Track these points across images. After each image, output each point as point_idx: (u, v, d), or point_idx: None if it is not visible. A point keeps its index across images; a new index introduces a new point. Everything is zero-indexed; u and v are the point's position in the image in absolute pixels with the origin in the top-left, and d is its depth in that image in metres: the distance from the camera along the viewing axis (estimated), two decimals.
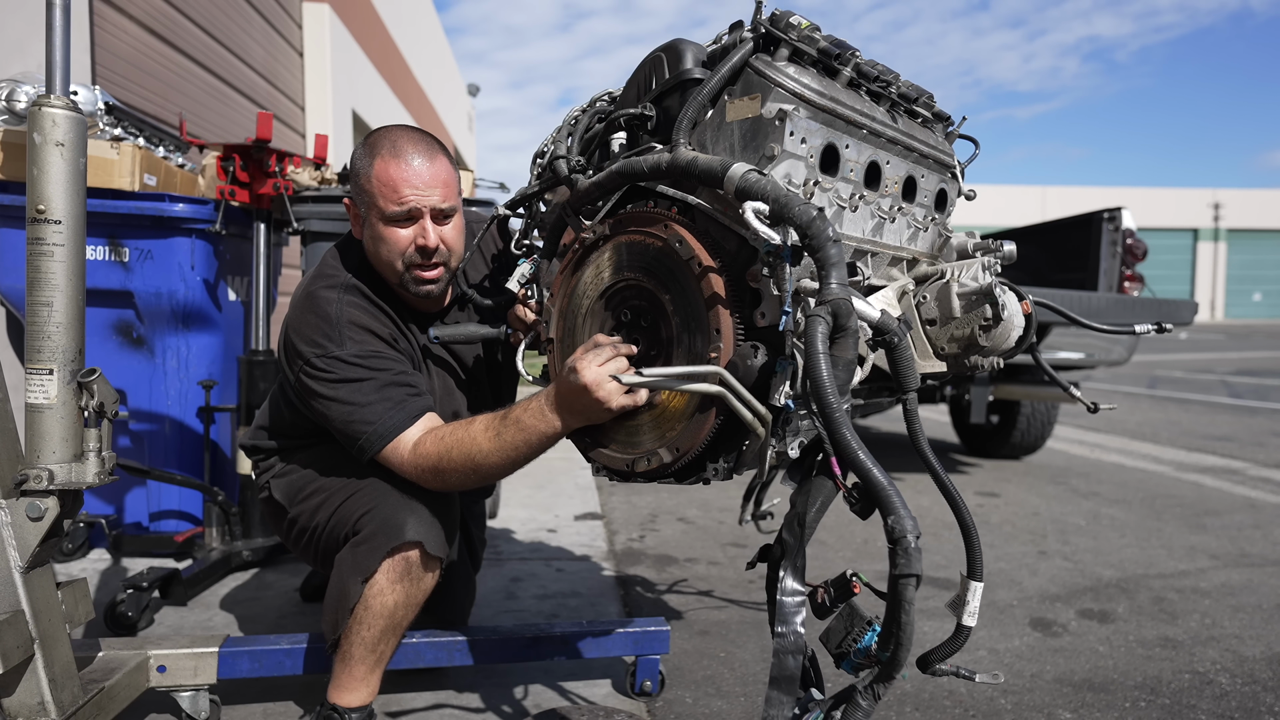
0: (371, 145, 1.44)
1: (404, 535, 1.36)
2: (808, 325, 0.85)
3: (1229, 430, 5.91)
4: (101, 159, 2.46)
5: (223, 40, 5.02)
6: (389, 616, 1.39)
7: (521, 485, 3.76)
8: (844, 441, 0.82)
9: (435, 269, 1.45)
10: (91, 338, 2.44)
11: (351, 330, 1.42)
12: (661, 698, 1.77)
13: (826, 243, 0.88)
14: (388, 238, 1.42)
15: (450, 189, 1.44)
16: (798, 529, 1.00)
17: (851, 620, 0.98)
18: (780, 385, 0.97)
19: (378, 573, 1.37)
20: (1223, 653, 2.08)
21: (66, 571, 2.49)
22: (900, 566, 0.80)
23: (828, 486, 1.00)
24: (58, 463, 1.25)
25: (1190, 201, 41.00)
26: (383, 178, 1.39)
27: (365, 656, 1.42)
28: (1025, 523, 3.35)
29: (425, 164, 1.40)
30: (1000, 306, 1.18)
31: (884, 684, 0.89)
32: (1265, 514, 3.53)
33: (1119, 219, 4.17)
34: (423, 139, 1.45)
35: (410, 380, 1.42)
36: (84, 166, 1.27)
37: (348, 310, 1.44)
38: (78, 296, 1.26)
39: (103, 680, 1.40)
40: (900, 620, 0.82)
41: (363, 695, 1.45)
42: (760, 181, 0.95)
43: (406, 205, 1.39)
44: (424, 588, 1.42)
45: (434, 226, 1.42)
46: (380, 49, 9.80)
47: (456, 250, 1.48)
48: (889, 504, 0.81)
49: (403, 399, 1.39)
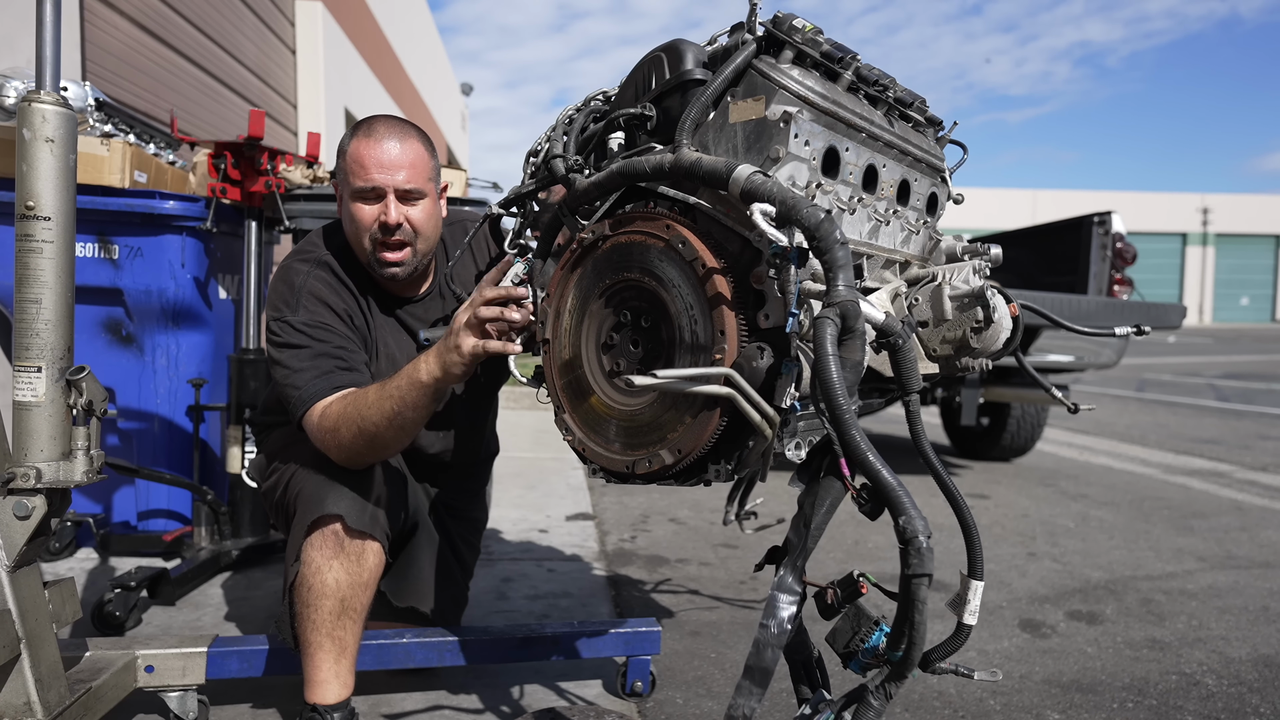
0: (354, 127, 1.53)
1: (323, 509, 1.37)
2: (817, 327, 0.85)
3: (1216, 433, 5.96)
4: (92, 155, 2.44)
5: (215, 37, 4.99)
6: (333, 595, 1.37)
7: (513, 485, 3.76)
8: (853, 443, 0.82)
9: (400, 250, 1.50)
10: (81, 335, 2.44)
11: (308, 300, 1.49)
12: (652, 698, 1.77)
13: (835, 245, 0.88)
14: (355, 214, 1.49)
15: (417, 171, 1.49)
16: (804, 530, 1.00)
17: (858, 620, 0.98)
18: (786, 386, 0.97)
19: (307, 548, 1.38)
20: (1209, 654, 2.09)
21: (54, 571, 2.47)
22: (913, 566, 0.80)
23: (836, 488, 1.00)
24: (45, 461, 1.24)
25: (1179, 206, 41.33)
26: (354, 155, 1.48)
27: (323, 643, 1.39)
28: (1015, 524, 3.37)
29: (395, 145, 1.47)
30: (991, 309, 1.19)
31: (896, 683, 0.89)
32: (1251, 516, 3.56)
33: (1109, 223, 4.20)
34: (400, 124, 1.52)
35: (346, 355, 1.47)
36: (74, 163, 1.27)
37: (311, 282, 1.51)
38: (66, 294, 1.25)
39: (90, 680, 1.39)
40: (914, 620, 0.83)
41: (335, 690, 1.41)
42: (766, 183, 0.95)
43: (371, 183, 1.46)
44: (367, 566, 1.40)
45: (396, 204, 1.47)
46: (373, 47, 9.77)
47: (424, 233, 1.52)
48: (899, 505, 0.81)
49: (330, 369, 1.43)
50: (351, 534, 1.38)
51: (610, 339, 1.17)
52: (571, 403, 1.21)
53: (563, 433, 1.22)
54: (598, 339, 1.19)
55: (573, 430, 1.21)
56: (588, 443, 1.19)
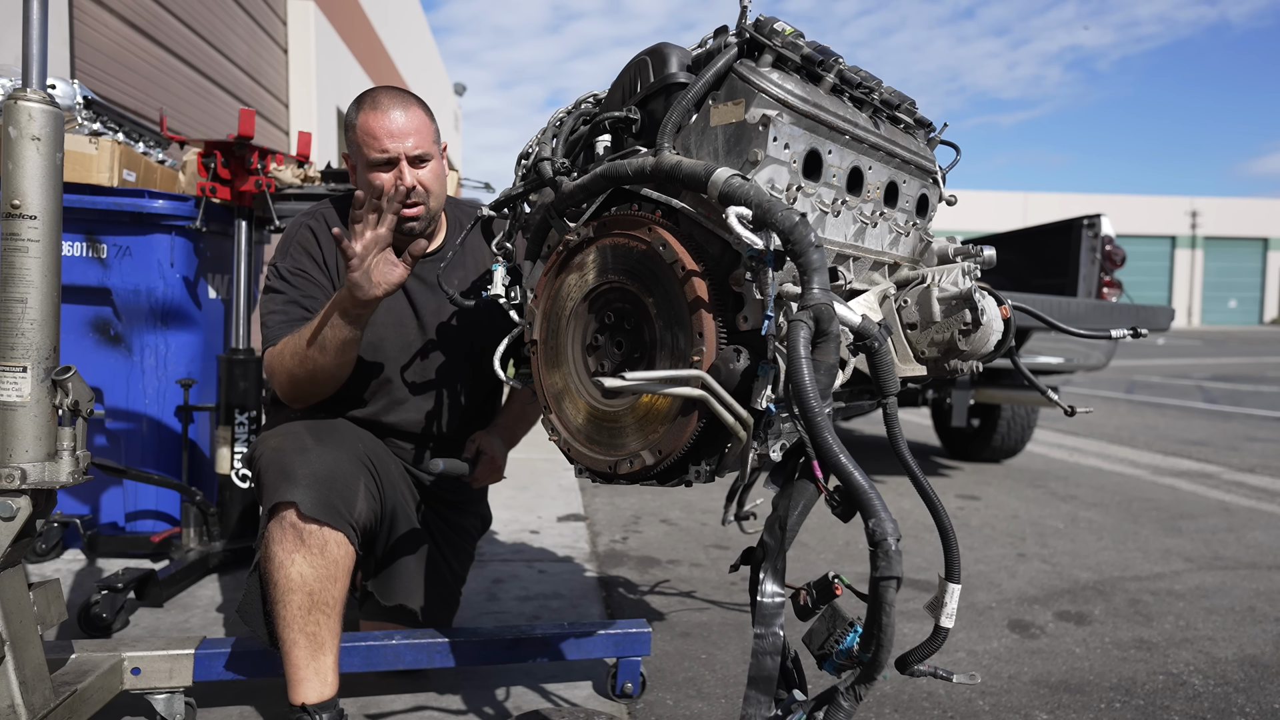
0: (358, 102, 1.64)
1: (280, 495, 1.39)
2: (790, 330, 0.85)
3: (1204, 435, 6.00)
4: (80, 154, 2.43)
5: (206, 35, 4.97)
6: (300, 590, 1.37)
7: (504, 486, 3.75)
8: (825, 445, 0.82)
9: (415, 207, 1.62)
10: (68, 335, 2.42)
11: (295, 249, 1.66)
12: (642, 699, 1.77)
13: (809, 248, 0.88)
14: (373, 182, 1.60)
15: (423, 136, 1.62)
16: (779, 532, 1.01)
17: (834, 622, 0.98)
18: (762, 389, 0.97)
19: (269, 543, 1.39)
20: (1196, 654, 2.11)
21: (39, 572, 2.45)
22: (881, 569, 0.80)
23: (809, 490, 1.01)
24: (30, 461, 1.23)
25: (1168, 209, 41.63)
26: (365, 129, 1.59)
27: (297, 639, 1.38)
28: (1004, 525, 3.38)
29: (401, 114, 1.60)
30: (980, 311, 1.19)
31: (865, 685, 0.89)
32: (1238, 517, 3.59)
33: (1098, 226, 4.22)
34: (400, 94, 1.64)
35: (314, 305, 1.59)
36: (60, 161, 1.26)
37: (302, 232, 1.68)
38: (53, 293, 1.25)
39: (75, 683, 1.38)
40: (881, 622, 0.82)
41: (316, 687, 1.39)
42: (743, 186, 0.95)
43: (386, 152, 1.58)
44: (331, 557, 1.39)
45: (410, 169, 1.60)
46: (366, 46, 9.74)
47: (435, 191, 1.65)
48: (870, 507, 0.81)
49: (300, 317, 1.58)
50: (309, 522, 1.38)
51: (595, 340, 1.17)
52: (557, 403, 1.22)
53: (549, 432, 1.23)
54: (583, 340, 1.19)
55: (558, 430, 1.21)
56: (573, 443, 1.19)
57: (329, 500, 1.40)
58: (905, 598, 2.44)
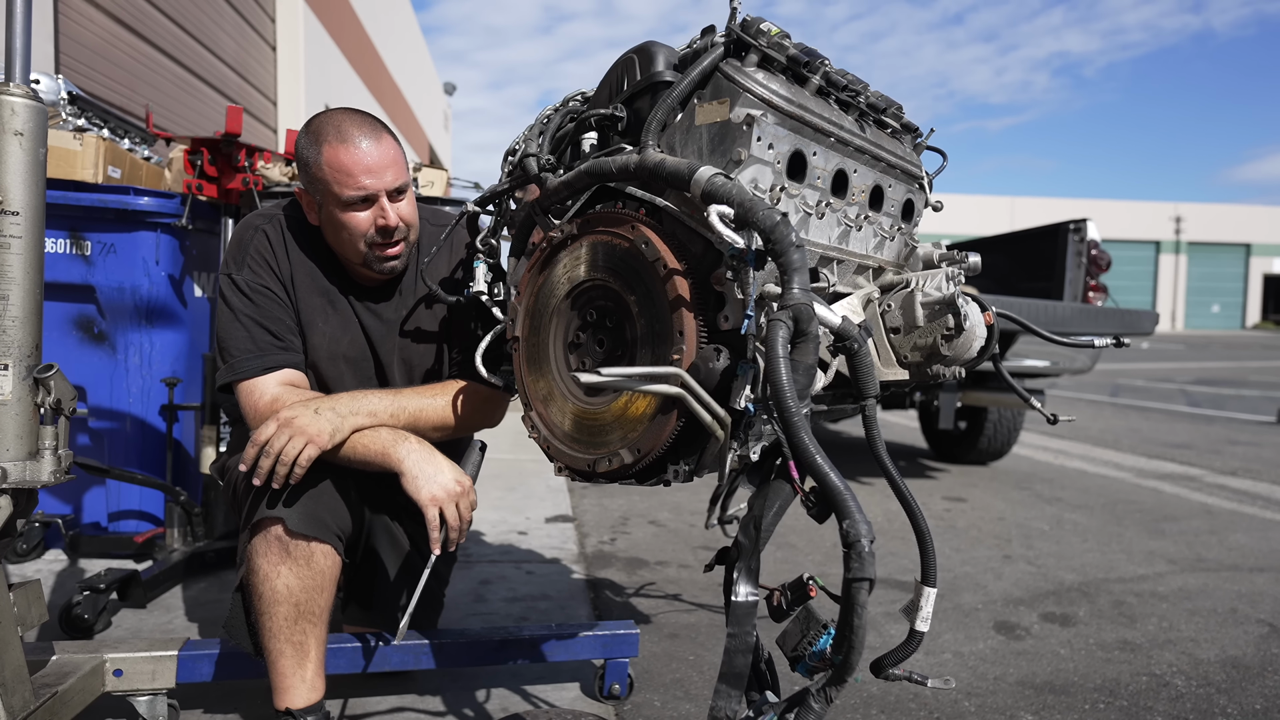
0: (315, 133, 1.44)
1: (263, 510, 1.35)
2: (769, 329, 0.85)
3: (1187, 438, 6.06)
4: (63, 150, 2.41)
5: (193, 32, 4.93)
6: (286, 601, 1.35)
7: (493, 487, 3.74)
8: (802, 445, 0.82)
9: (397, 245, 1.51)
10: (51, 333, 2.40)
11: (252, 259, 1.51)
12: (630, 701, 1.77)
13: (789, 248, 0.89)
14: (348, 223, 1.45)
15: (400, 166, 1.47)
16: (753, 532, 1.01)
17: (808, 623, 0.98)
18: (741, 388, 0.97)
19: (253, 556, 1.36)
20: (1179, 655, 2.13)
21: (20, 573, 2.42)
22: (854, 570, 0.80)
23: (785, 490, 1.01)
24: (11, 460, 1.22)
25: (1153, 215, 42.02)
26: (335, 165, 1.41)
27: (283, 649, 1.36)
28: (990, 527, 3.40)
29: (373, 145, 1.43)
30: (962, 317, 1.19)
31: (836, 687, 0.89)
32: (1221, 520, 3.63)
33: (1084, 230, 4.26)
34: (365, 120, 1.47)
35: (281, 330, 1.49)
36: (44, 157, 1.24)
37: (258, 239, 1.52)
38: (35, 290, 1.23)
39: (56, 685, 1.36)
40: (853, 624, 0.82)
41: (304, 694, 1.38)
42: (726, 185, 0.95)
43: (364, 190, 1.42)
44: (317, 568, 1.36)
45: (391, 205, 1.45)
46: (355, 44, 9.70)
47: (413, 223, 1.53)
48: (844, 508, 0.80)
49: (267, 347, 1.47)
50: (295, 536, 1.35)
51: (577, 338, 1.17)
52: (541, 400, 1.22)
53: (529, 429, 1.23)
54: (565, 338, 1.19)
55: (538, 427, 1.21)
56: (552, 440, 1.19)
57: (314, 512, 1.38)
58: (890, 600, 2.45)
